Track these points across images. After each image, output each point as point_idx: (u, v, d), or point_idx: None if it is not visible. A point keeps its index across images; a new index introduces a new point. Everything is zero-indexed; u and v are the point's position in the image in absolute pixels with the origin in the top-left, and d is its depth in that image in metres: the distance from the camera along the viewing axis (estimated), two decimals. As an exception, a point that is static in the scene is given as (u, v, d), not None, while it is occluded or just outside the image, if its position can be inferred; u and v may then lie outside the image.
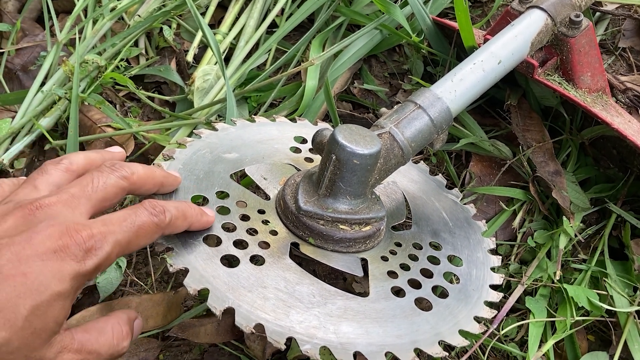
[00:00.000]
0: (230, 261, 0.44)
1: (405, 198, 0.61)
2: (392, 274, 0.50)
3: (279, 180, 0.54)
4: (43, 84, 0.78)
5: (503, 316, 0.57)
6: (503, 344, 0.57)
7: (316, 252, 0.49)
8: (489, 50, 0.58)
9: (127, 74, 0.80)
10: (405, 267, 0.52)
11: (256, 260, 0.45)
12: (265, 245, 0.47)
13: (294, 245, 0.49)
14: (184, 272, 0.41)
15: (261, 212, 0.50)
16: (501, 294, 0.53)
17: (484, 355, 0.56)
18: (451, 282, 0.53)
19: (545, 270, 0.60)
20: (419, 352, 0.43)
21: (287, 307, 0.42)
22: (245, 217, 0.49)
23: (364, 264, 0.51)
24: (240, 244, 0.46)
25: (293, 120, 0.64)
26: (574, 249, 0.64)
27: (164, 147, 0.71)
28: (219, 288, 0.41)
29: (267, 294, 0.43)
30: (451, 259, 0.55)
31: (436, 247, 0.56)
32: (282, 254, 0.47)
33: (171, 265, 0.41)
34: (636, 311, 0.57)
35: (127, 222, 0.38)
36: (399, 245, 0.54)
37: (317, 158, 0.59)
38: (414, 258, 0.54)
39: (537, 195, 0.66)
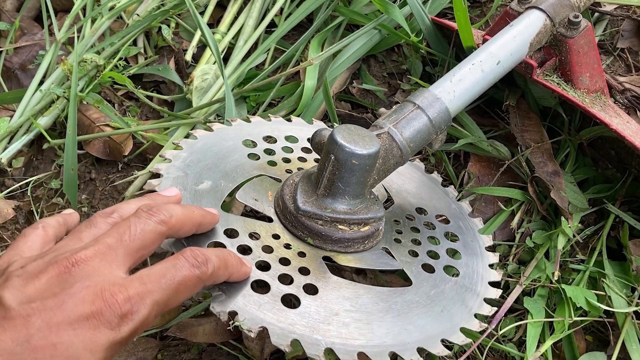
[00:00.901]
0: (289, 301, 0.43)
1: None
2: (413, 253, 0.52)
3: (267, 196, 0.53)
4: (41, 82, 0.78)
5: (501, 316, 0.57)
6: (501, 344, 0.57)
7: (350, 260, 0.49)
8: (488, 51, 0.58)
9: (126, 73, 0.80)
10: (416, 242, 0.53)
11: (309, 289, 0.44)
12: (305, 271, 0.46)
13: (325, 260, 0.48)
14: (264, 331, 0.40)
15: (276, 237, 0.49)
16: (490, 235, 0.58)
17: (482, 355, 0.56)
18: (452, 240, 0.55)
19: (544, 271, 0.60)
20: (480, 317, 0.46)
21: (366, 324, 0.42)
22: (267, 249, 0.47)
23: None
24: (285, 280, 0.44)
25: (228, 123, 0.60)
26: (572, 250, 0.64)
27: (162, 146, 0.71)
28: (304, 334, 0.40)
29: (343, 320, 0.42)
30: (439, 219, 0.57)
31: (422, 212, 0.58)
32: (324, 273, 0.46)
33: (250, 331, 0.39)
34: (634, 311, 0.57)
35: (166, 278, 0.35)
36: (397, 222, 0.55)
37: (278, 159, 0.58)
38: (415, 230, 0.55)
39: (535, 195, 0.66)
